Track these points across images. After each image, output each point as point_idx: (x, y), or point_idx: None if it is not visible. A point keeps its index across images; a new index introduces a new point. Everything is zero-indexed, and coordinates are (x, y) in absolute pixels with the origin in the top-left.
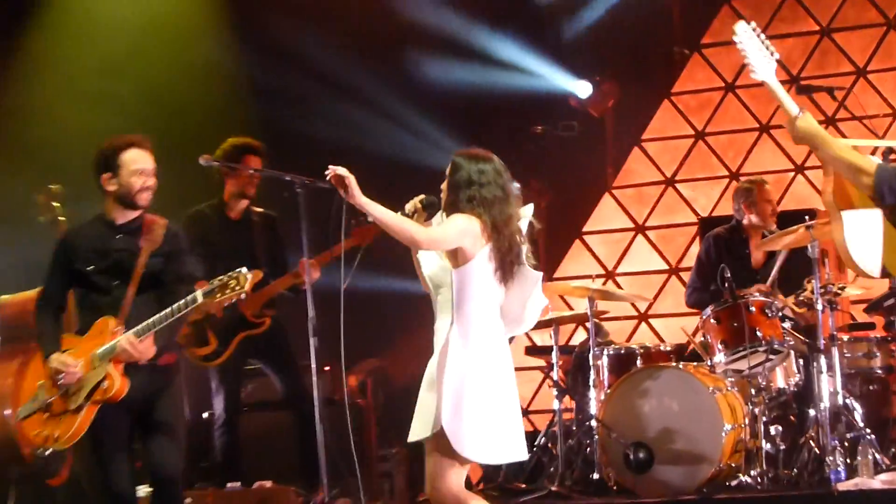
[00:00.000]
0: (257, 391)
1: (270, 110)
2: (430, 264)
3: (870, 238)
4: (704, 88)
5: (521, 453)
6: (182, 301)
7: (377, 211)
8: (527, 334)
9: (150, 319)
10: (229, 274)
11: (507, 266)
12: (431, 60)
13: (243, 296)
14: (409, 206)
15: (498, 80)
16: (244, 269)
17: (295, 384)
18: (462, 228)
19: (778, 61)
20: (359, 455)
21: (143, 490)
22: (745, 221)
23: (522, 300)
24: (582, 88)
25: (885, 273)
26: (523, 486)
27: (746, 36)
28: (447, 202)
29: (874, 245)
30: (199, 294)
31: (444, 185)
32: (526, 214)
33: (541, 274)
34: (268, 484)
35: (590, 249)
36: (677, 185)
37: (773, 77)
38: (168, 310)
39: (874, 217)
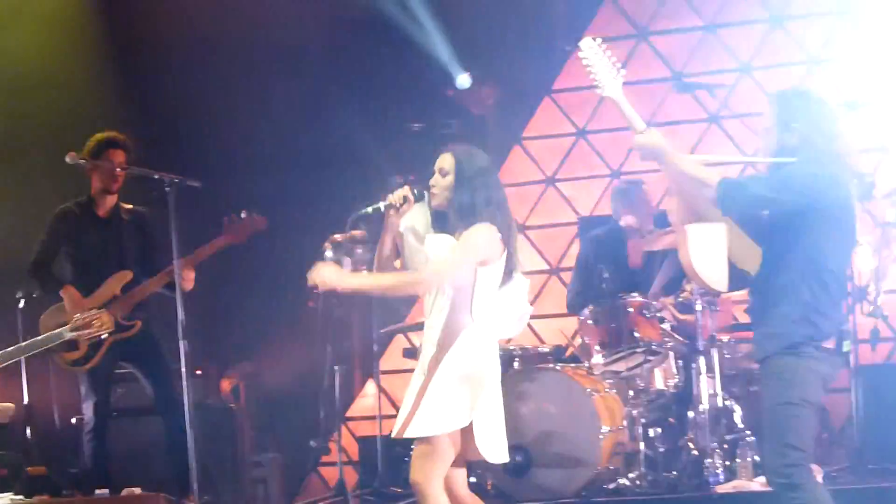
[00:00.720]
0: (127, 396)
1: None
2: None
3: (715, 253)
4: (585, 86)
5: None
6: (46, 336)
7: (371, 285)
8: (406, 336)
9: (9, 349)
10: (92, 314)
11: (509, 270)
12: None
13: (104, 336)
14: (395, 197)
15: (375, 78)
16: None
17: (165, 389)
18: (487, 240)
19: (662, 58)
20: (232, 461)
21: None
22: (622, 222)
23: (510, 304)
24: (462, 80)
25: (735, 285)
26: (399, 490)
27: (592, 52)
28: (464, 204)
29: (720, 260)
30: (64, 331)
31: (443, 182)
32: None
33: (528, 280)
34: (137, 490)
35: None
36: (558, 184)
37: (620, 93)
38: (30, 342)
39: (718, 231)
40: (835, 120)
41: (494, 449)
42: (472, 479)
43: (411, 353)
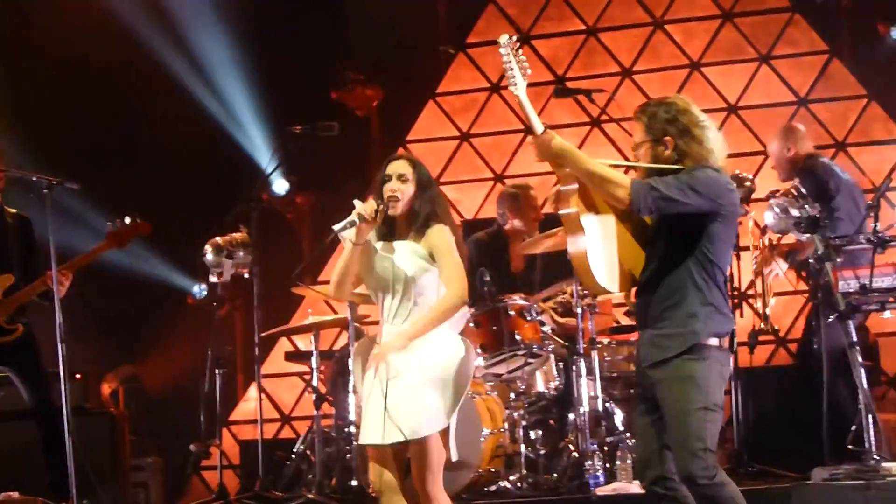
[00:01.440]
0: (5, 400)
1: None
2: (408, 265)
3: (607, 257)
4: (469, 89)
5: None
6: None
7: (424, 327)
8: (290, 339)
9: None
10: None
11: None
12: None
13: None
14: (367, 210)
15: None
16: None
17: (43, 393)
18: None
19: (544, 62)
20: (111, 465)
21: None
22: (507, 226)
23: None
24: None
25: (625, 285)
26: (281, 494)
27: (509, 49)
28: (426, 210)
29: (612, 263)
30: None
31: (407, 189)
32: None
33: None
34: (15, 495)
35: None
36: (442, 188)
37: (525, 94)
38: None
39: (608, 236)
40: (705, 126)
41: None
42: (354, 483)
43: (294, 355)
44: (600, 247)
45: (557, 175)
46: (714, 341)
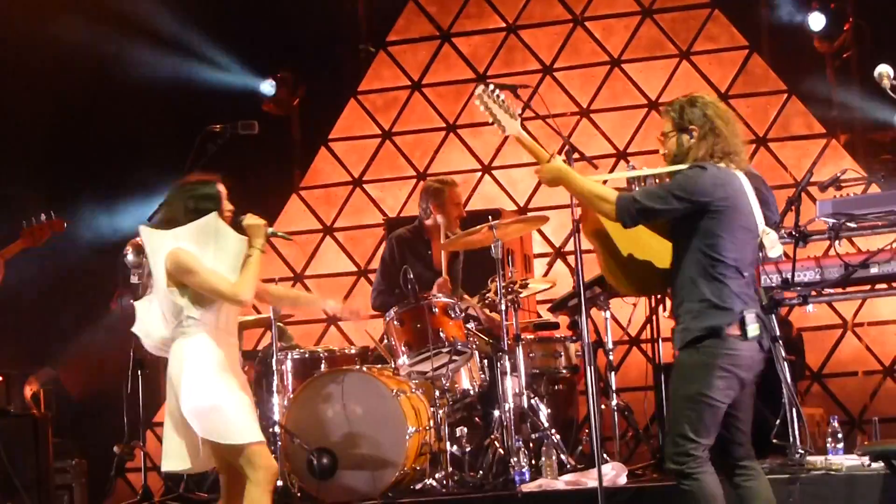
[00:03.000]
0: None
1: None
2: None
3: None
4: (391, 87)
5: None
6: None
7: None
8: None
9: None
10: None
11: None
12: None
13: None
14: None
15: (179, 72)
16: None
17: None
18: None
19: (465, 60)
20: (35, 467)
21: None
22: (428, 222)
23: None
24: (266, 87)
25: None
26: (205, 495)
27: (486, 97)
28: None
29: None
30: None
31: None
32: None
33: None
34: None
35: (277, 251)
36: (365, 186)
37: (521, 131)
38: None
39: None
40: (728, 120)
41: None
42: (280, 483)
43: None
44: (629, 254)
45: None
46: (711, 335)
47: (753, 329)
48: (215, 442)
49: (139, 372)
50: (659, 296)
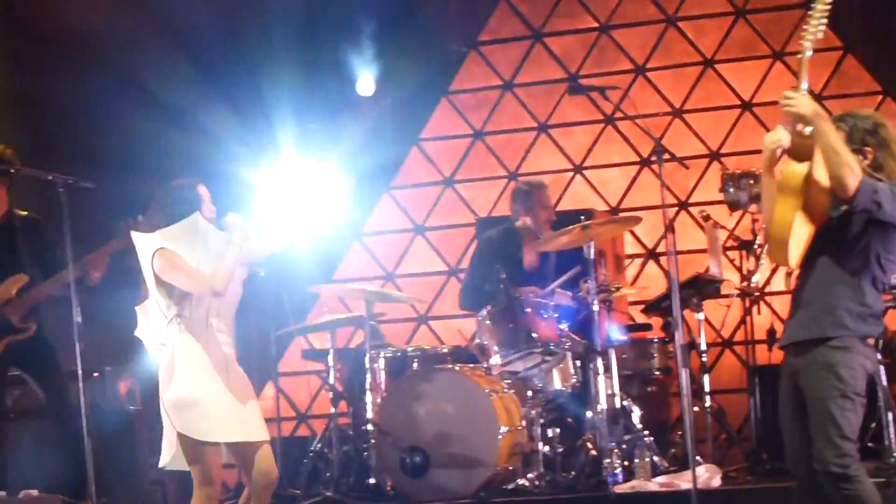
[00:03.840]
0: (24, 398)
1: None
2: None
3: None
4: (482, 87)
5: None
6: None
7: None
8: (305, 337)
9: None
10: None
11: None
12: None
13: None
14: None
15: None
16: None
17: (58, 393)
18: None
19: (557, 59)
20: (129, 463)
21: None
22: (519, 223)
23: None
24: (363, 86)
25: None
26: (298, 491)
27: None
28: None
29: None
30: None
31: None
32: None
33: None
34: (34, 493)
35: (369, 250)
36: (456, 186)
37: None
38: None
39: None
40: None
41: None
42: (372, 481)
43: (310, 354)
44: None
45: (793, 142)
46: (863, 338)
47: (878, 343)
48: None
49: None
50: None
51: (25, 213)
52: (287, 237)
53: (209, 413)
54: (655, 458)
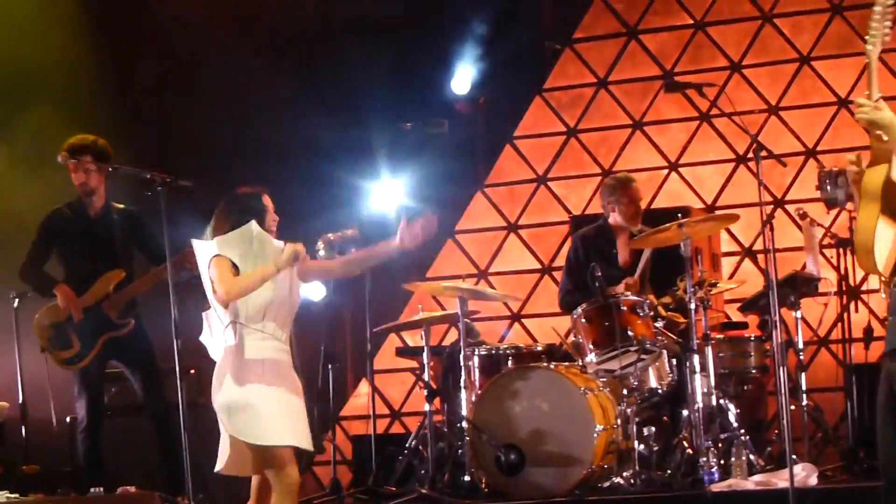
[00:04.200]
0: (121, 394)
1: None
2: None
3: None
4: (576, 84)
5: None
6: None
7: None
8: (398, 335)
9: None
10: None
11: None
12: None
13: None
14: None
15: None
16: None
17: (155, 389)
18: None
19: (652, 56)
20: None
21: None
22: (610, 220)
23: None
24: (458, 85)
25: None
26: (394, 489)
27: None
28: None
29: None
30: None
31: None
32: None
33: None
34: (131, 489)
35: (462, 248)
36: (549, 183)
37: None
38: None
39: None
40: None
41: None
42: (467, 479)
43: (404, 351)
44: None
45: (872, 147)
46: None
47: None
48: (247, 442)
49: (329, 366)
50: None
51: (123, 206)
52: (423, 232)
53: (261, 416)
54: (752, 457)
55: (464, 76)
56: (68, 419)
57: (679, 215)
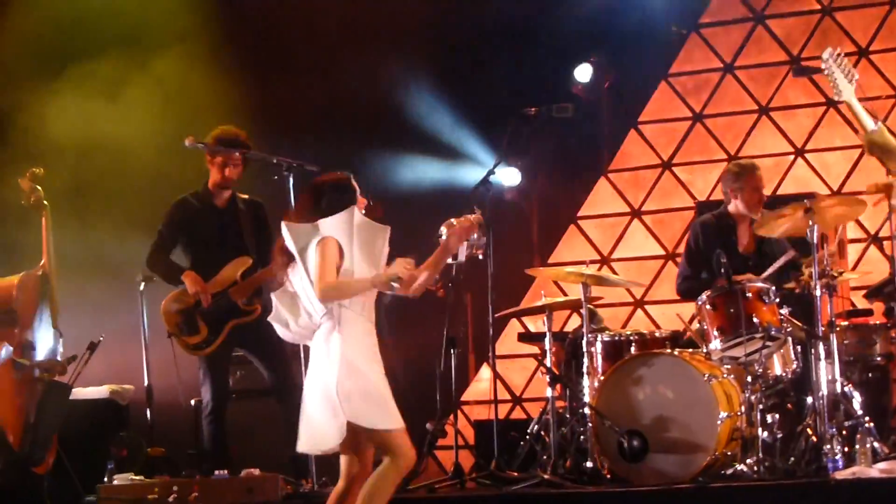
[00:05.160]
0: (246, 378)
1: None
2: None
3: None
4: (702, 69)
5: None
6: None
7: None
8: (520, 320)
9: None
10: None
11: None
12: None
13: None
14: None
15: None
16: None
17: (282, 373)
18: None
19: (779, 41)
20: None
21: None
22: (731, 207)
23: None
24: (582, 72)
25: None
26: (515, 473)
27: (832, 60)
28: None
29: None
30: None
31: None
32: None
33: None
34: (255, 472)
35: (585, 234)
36: (674, 169)
37: (853, 97)
38: None
39: None
40: None
41: None
42: (589, 465)
43: (526, 337)
44: None
45: (887, 168)
46: None
47: None
48: (359, 426)
49: (451, 350)
50: None
51: (247, 196)
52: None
53: (381, 401)
54: (876, 444)
55: (587, 65)
56: (193, 402)
57: (806, 201)
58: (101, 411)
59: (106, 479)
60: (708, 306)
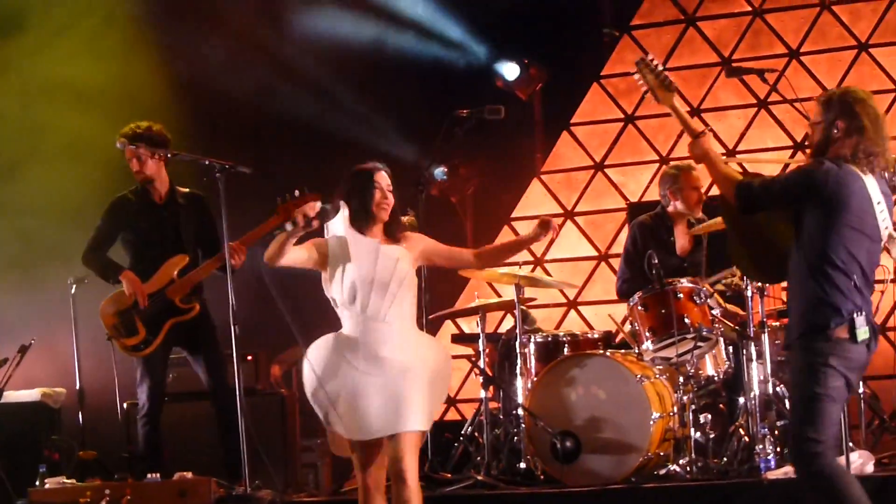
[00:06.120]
0: (181, 380)
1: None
2: (406, 268)
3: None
4: (634, 71)
5: None
6: None
7: None
8: (454, 322)
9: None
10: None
11: None
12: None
13: None
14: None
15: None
16: None
17: (219, 375)
18: None
19: (710, 43)
20: (282, 446)
21: None
22: (670, 208)
23: None
24: (509, 70)
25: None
26: (449, 475)
27: (643, 69)
28: (398, 216)
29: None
30: None
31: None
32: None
33: None
34: (188, 475)
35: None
36: (607, 170)
37: (675, 103)
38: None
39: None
40: (875, 119)
41: None
42: (522, 465)
43: (460, 338)
44: (758, 239)
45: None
46: (819, 332)
47: (863, 333)
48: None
49: None
50: None
51: (188, 190)
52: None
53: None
54: None
55: (517, 63)
56: (125, 405)
57: None
58: (33, 414)
59: (37, 483)
60: (640, 307)
